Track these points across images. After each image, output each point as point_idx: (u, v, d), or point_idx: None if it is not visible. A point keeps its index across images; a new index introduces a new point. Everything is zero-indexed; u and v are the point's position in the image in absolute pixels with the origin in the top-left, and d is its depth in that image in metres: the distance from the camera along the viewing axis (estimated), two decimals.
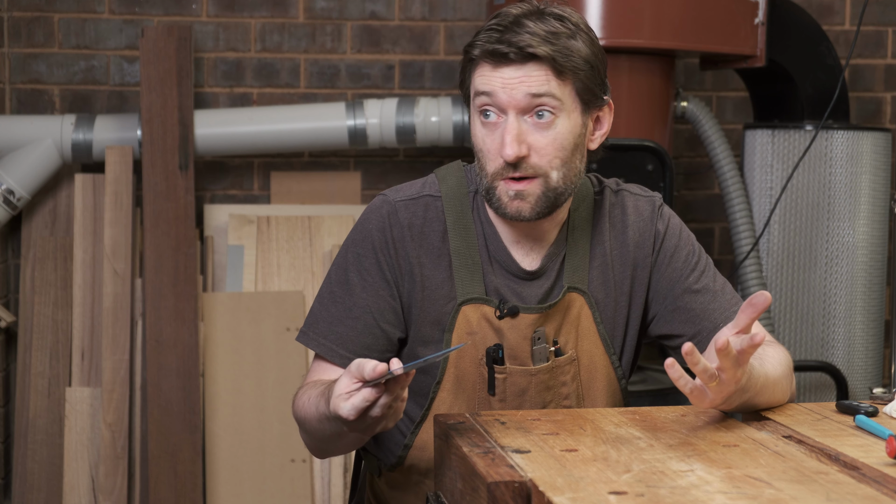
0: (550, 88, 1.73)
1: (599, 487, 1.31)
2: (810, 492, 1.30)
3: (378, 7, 3.79)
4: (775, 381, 1.72)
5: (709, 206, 3.97)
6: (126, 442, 3.46)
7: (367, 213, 1.87)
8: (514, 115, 1.74)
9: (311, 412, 1.74)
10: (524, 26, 1.73)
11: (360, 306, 1.84)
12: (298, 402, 1.81)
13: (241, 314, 3.57)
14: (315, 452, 1.88)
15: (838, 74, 3.44)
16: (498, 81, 1.74)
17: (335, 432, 1.69)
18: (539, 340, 1.84)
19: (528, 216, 1.77)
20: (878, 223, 3.46)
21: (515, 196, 1.76)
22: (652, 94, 3.26)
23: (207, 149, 3.58)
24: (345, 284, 1.85)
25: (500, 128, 1.75)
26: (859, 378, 3.44)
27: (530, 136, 1.74)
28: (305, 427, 1.79)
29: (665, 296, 1.89)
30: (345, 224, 3.71)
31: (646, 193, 1.95)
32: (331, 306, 1.86)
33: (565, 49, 1.74)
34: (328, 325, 1.85)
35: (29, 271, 3.60)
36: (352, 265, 1.85)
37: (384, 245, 1.84)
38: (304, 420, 1.78)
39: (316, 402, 1.72)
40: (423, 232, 1.85)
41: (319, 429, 1.73)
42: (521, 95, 1.73)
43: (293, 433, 3.51)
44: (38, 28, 3.70)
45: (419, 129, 3.56)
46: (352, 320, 1.84)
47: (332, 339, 1.84)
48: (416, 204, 1.86)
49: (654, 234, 1.91)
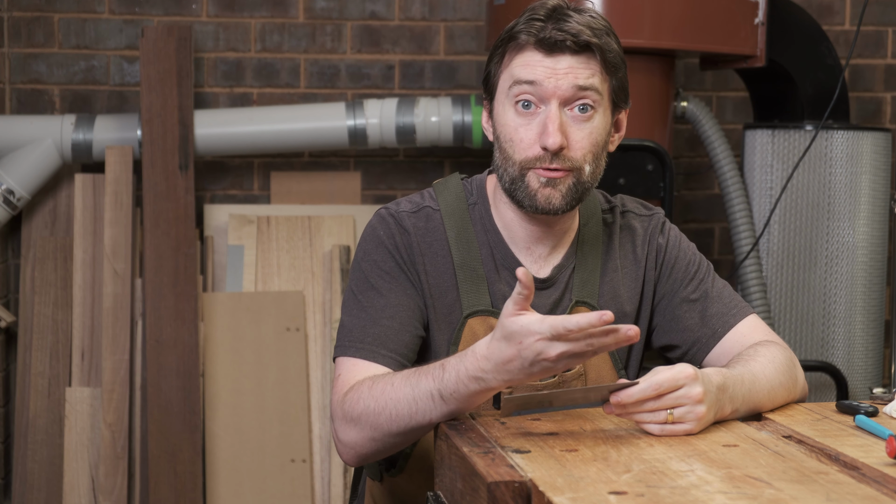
0: (595, 82, 1.73)
1: (599, 487, 1.31)
2: (810, 492, 1.30)
3: (378, 7, 3.79)
4: (768, 380, 1.71)
5: (709, 206, 3.97)
6: (126, 442, 3.46)
7: (372, 225, 1.84)
8: (557, 105, 1.72)
9: (403, 396, 1.63)
10: (570, 17, 1.72)
11: (392, 305, 1.78)
12: (364, 395, 1.68)
13: (241, 314, 3.57)
14: (368, 452, 1.72)
15: (838, 74, 3.44)
16: (544, 71, 1.71)
17: (448, 411, 1.60)
18: None
19: (557, 205, 1.75)
20: (878, 223, 3.46)
21: (547, 183, 1.74)
22: (652, 94, 3.26)
23: (207, 149, 3.58)
24: (370, 291, 1.80)
25: (539, 117, 1.73)
26: (859, 378, 3.44)
27: (569, 128, 1.73)
28: (385, 415, 1.65)
29: (665, 307, 1.90)
30: (345, 224, 3.71)
31: (649, 212, 1.95)
32: (360, 313, 1.79)
33: (609, 45, 1.74)
34: (362, 329, 1.77)
35: (29, 271, 3.60)
36: (372, 273, 1.81)
37: (396, 248, 1.81)
38: (381, 409, 1.65)
39: (410, 383, 1.62)
40: (428, 241, 1.83)
41: (421, 413, 1.62)
42: (567, 85, 1.71)
43: (293, 433, 3.51)
44: (38, 28, 3.70)
45: (419, 129, 3.55)
46: (387, 319, 1.78)
47: (371, 342, 1.77)
48: (418, 216, 1.84)
49: (657, 249, 1.91)
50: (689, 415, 1.55)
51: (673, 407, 1.54)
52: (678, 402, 1.54)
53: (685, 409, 1.55)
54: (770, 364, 1.74)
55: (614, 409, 1.55)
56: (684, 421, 1.55)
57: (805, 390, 1.84)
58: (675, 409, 1.54)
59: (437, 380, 1.60)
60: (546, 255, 1.85)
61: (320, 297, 3.63)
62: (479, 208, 1.86)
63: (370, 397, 1.67)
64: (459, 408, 1.61)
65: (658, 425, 1.55)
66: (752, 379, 1.69)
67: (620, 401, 1.53)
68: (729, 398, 1.62)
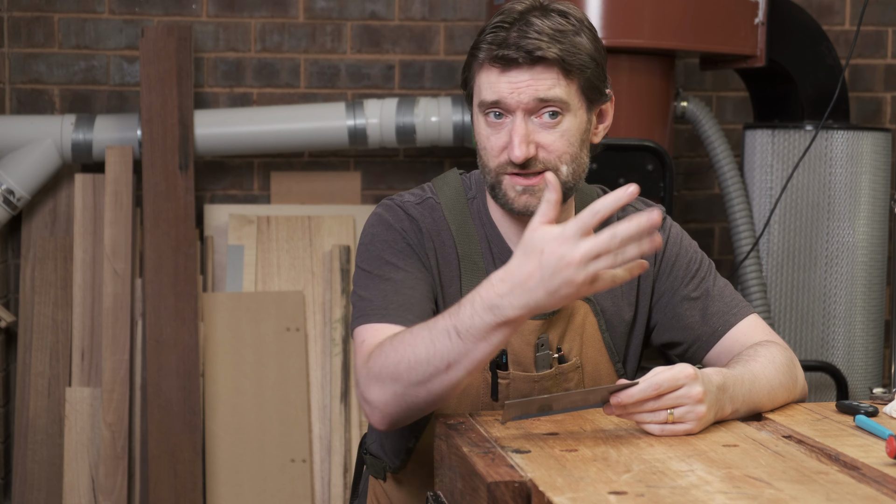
0: (558, 91, 1.72)
1: (599, 487, 1.31)
2: (810, 492, 1.30)
3: (378, 7, 3.79)
4: (768, 380, 1.72)
5: (709, 206, 3.97)
6: (126, 442, 3.46)
7: (377, 213, 1.83)
8: (522, 115, 1.73)
9: (421, 340, 1.57)
10: (531, 24, 1.72)
11: (412, 278, 1.76)
12: (385, 349, 1.63)
13: (241, 314, 3.57)
14: (393, 410, 1.64)
15: (838, 74, 3.44)
16: (505, 87, 1.72)
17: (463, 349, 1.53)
18: (542, 347, 1.83)
19: (536, 210, 1.76)
20: (878, 223, 3.46)
21: (524, 191, 1.75)
22: (652, 94, 3.26)
23: (207, 149, 3.58)
24: (386, 265, 1.76)
25: (506, 127, 1.74)
26: (859, 378, 3.44)
27: (538, 135, 1.73)
28: (404, 362, 1.59)
29: (665, 304, 1.90)
30: (345, 224, 3.71)
31: (648, 208, 1.95)
32: (381, 284, 1.74)
33: (572, 47, 1.73)
34: (384, 298, 1.73)
35: (29, 271, 3.60)
36: (385, 251, 1.78)
37: (406, 232, 1.80)
38: (401, 358, 1.59)
39: (429, 327, 1.57)
40: (436, 229, 1.83)
41: (439, 353, 1.55)
42: (528, 98, 1.71)
43: (293, 433, 3.51)
44: (38, 28, 3.70)
45: (419, 129, 3.56)
46: (409, 290, 1.75)
47: (395, 308, 1.71)
48: (423, 206, 1.85)
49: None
50: (690, 415, 1.55)
51: (673, 407, 1.54)
52: (678, 402, 1.55)
53: (685, 408, 1.55)
54: (770, 364, 1.74)
55: (614, 410, 1.55)
56: (684, 421, 1.55)
57: (805, 390, 1.83)
58: (675, 409, 1.54)
59: (454, 315, 1.54)
60: None
61: (320, 297, 3.63)
62: (478, 202, 1.87)
63: (391, 349, 1.62)
64: (478, 347, 1.53)
65: (658, 425, 1.55)
66: (753, 379, 1.69)
67: (620, 401, 1.53)
68: (729, 398, 1.62)
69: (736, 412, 1.65)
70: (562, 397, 1.56)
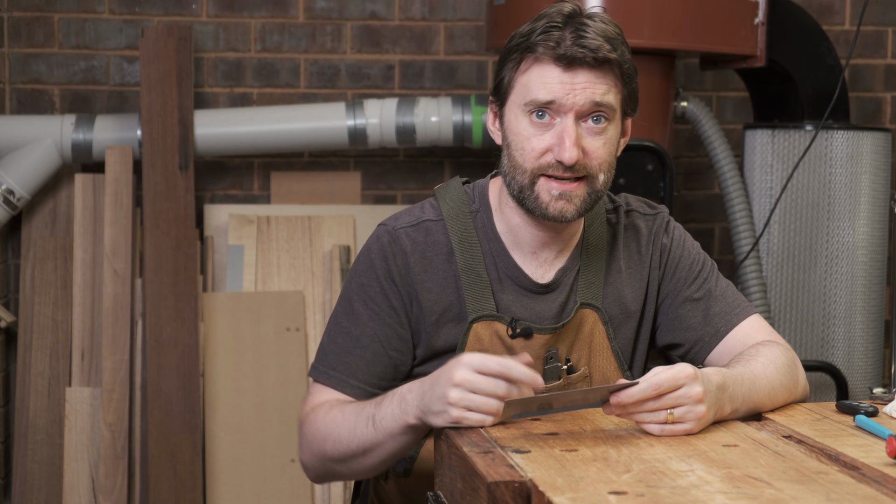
0: (611, 97, 1.72)
1: (599, 487, 1.31)
2: (810, 492, 1.30)
3: (378, 7, 3.79)
4: (768, 380, 1.71)
5: (709, 206, 3.97)
6: (126, 442, 3.46)
7: (369, 243, 1.85)
8: (573, 118, 1.71)
9: (347, 422, 1.71)
10: (587, 26, 1.70)
11: (367, 335, 1.82)
12: (318, 419, 1.77)
13: (241, 314, 3.57)
14: (320, 474, 1.84)
15: (838, 74, 3.44)
16: (561, 87, 1.70)
17: (376, 440, 1.68)
18: (551, 360, 1.83)
19: (570, 217, 1.75)
20: (878, 223, 3.46)
21: (560, 196, 1.74)
22: (652, 94, 3.26)
23: (207, 149, 3.58)
24: (350, 315, 1.83)
25: (555, 129, 1.72)
26: (859, 378, 3.44)
27: (584, 140, 1.72)
28: (330, 440, 1.75)
29: (668, 305, 1.90)
30: (345, 224, 3.71)
31: (654, 211, 1.94)
32: (338, 338, 1.84)
33: (624, 55, 1.74)
34: (336, 356, 1.83)
35: (29, 271, 3.60)
36: (356, 296, 1.83)
37: (387, 273, 1.81)
38: (328, 435, 1.75)
39: (356, 411, 1.70)
40: (426, 257, 1.82)
41: (357, 438, 1.70)
42: (583, 101, 1.70)
43: (293, 433, 3.51)
44: (38, 28, 3.70)
45: (419, 129, 3.55)
46: (360, 350, 1.82)
47: (342, 370, 1.82)
48: (417, 230, 1.84)
49: (661, 249, 1.91)
50: (689, 414, 1.55)
51: (673, 407, 1.54)
52: (678, 402, 1.54)
53: (685, 408, 1.55)
54: (771, 364, 1.74)
55: (614, 410, 1.55)
56: (684, 421, 1.55)
57: (806, 391, 1.83)
58: (675, 409, 1.54)
59: (379, 404, 1.66)
60: (552, 259, 1.85)
61: (320, 297, 3.63)
62: (482, 216, 1.86)
63: (322, 423, 1.75)
64: (387, 443, 1.67)
65: (658, 425, 1.55)
66: (753, 379, 1.69)
67: (620, 401, 1.53)
68: (729, 398, 1.62)
69: (736, 412, 1.65)
70: (562, 396, 1.56)
